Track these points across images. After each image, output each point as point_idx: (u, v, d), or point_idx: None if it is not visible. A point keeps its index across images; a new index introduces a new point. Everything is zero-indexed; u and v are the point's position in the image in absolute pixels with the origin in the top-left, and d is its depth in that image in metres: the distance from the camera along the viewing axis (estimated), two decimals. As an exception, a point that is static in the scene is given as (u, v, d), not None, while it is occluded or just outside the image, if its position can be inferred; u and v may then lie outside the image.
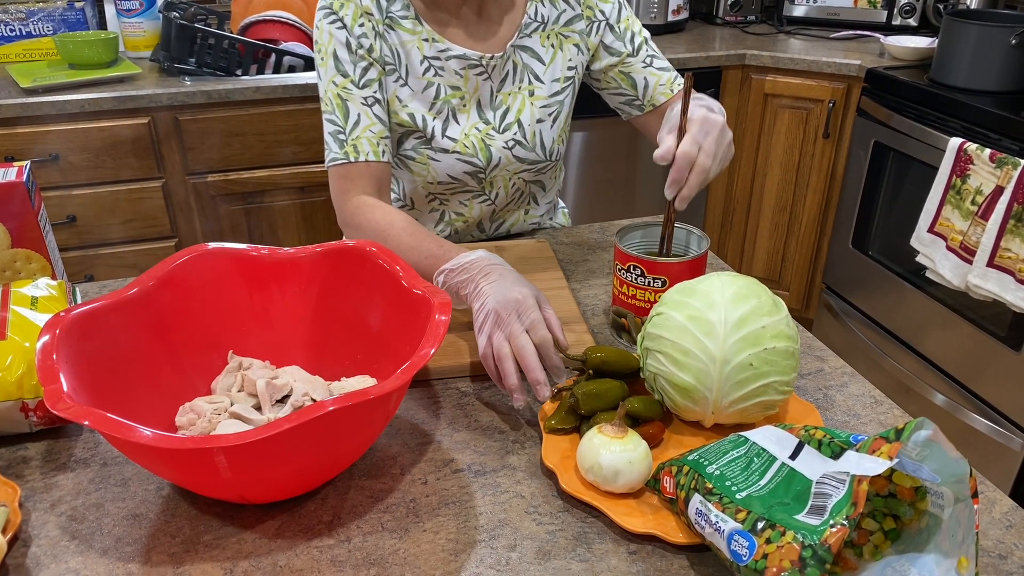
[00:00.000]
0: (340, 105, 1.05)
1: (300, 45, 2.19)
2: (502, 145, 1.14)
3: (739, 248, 2.62)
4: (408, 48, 1.08)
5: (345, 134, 1.06)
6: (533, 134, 1.16)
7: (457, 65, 1.10)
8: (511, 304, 0.82)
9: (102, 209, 2.00)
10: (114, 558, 0.67)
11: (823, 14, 2.65)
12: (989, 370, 1.91)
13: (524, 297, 0.82)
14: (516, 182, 1.21)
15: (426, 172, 1.15)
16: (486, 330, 0.82)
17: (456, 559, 0.67)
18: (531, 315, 0.81)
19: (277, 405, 0.79)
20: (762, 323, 0.74)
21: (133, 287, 0.79)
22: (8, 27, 2.16)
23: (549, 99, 1.16)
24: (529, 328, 0.81)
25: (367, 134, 1.06)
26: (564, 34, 1.15)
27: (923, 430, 0.54)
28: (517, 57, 1.13)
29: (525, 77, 1.14)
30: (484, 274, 0.86)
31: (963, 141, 1.83)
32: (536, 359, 0.79)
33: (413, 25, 1.08)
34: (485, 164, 1.15)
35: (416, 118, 1.10)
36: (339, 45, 1.04)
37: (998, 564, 0.67)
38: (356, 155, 1.05)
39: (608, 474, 0.70)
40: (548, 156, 1.19)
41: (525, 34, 1.12)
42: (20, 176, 0.90)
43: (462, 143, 1.12)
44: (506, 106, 1.14)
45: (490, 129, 1.14)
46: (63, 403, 0.62)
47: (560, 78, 1.16)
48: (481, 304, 0.84)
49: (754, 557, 0.57)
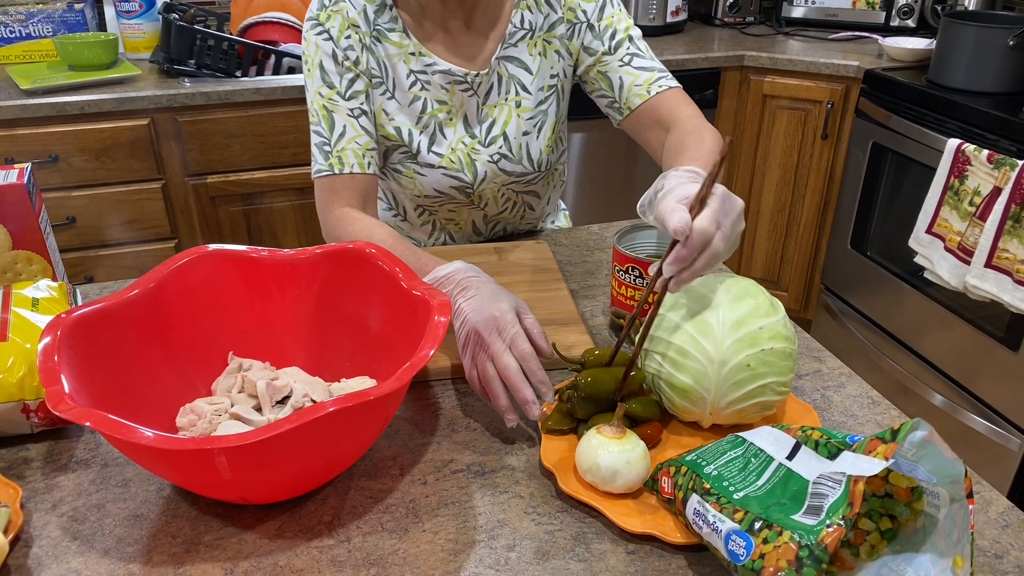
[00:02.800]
0: (326, 116, 1.05)
1: (299, 47, 2.19)
2: (487, 159, 1.13)
3: (738, 249, 2.63)
4: (394, 62, 1.07)
5: (330, 146, 1.05)
6: (519, 147, 1.14)
7: (443, 80, 1.09)
8: (490, 322, 0.79)
9: (102, 210, 2.00)
10: (115, 558, 0.67)
11: (821, 15, 2.65)
12: (987, 370, 1.92)
13: (502, 313, 0.80)
14: (506, 193, 1.20)
15: (413, 186, 1.15)
16: (469, 351, 0.81)
17: (455, 559, 0.67)
18: (511, 331, 0.79)
19: (277, 406, 0.80)
20: (760, 324, 0.74)
21: (134, 289, 0.79)
22: (8, 29, 2.16)
23: (535, 109, 1.14)
24: (511, 344, 0.79)
25: (352, 146, 1.05)
26: (548, 40, 1.12)
27: (919, 431, 0.54)
28: (502, 69, 1.11)
29: (512, 88, 1.13)
30: (461, 288, 0.84)
31: (961, 142, 1.83)
32: (520, 377, 0.77)
33: (400, 38, 1.07)
34: (472, 180, 1.14)
35: (402, 132, 1.10)
36: (325, 56, 1.04)
37: (994, 564, 0.67)
38: (341, 167, 1.05)
39: (606, 474, 0.70)
40: (536, 168, 1.17)
41: (510, 44, 1.11)
42: (21, 178, 0.91)
43: (448, 158, 1.11)
44: (492, 119, 1.13)
45: (476, 144, 1.12)
46: (65, 404, 0.62)
47: (544, 86, 1.14)
48: (461, 323, 0.82)
49: (751, 557, 0.57)
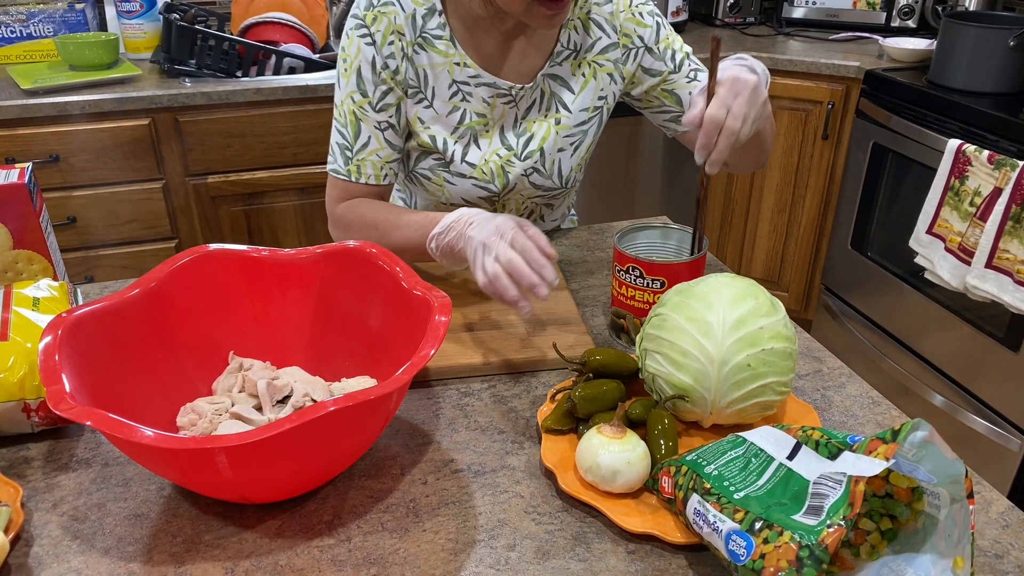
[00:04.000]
0: (353, 123, 1.05)
1: (300, 47, 2.19)
2: (520, 172, 1.12)
3: (738, 249, 2.63)
4: (437, 71, 1.06)
5: (352, 152, 1.06)
6: (552, 163, 1.13)
7: (486, 93, 1.08)
8: (493, 232, 0.87)
9: (102, 210, 2.00)
10: (116, 558, 0.67)
11: (822, 16, 2.65)
12: (987, 371, 1.92)
13: (503, 222, 0.88)
14: (528, 205, 1.20)
15: (440, 193, 1.14)
16: (478, 262, 0.87)
17: (456, 559, 0.67)
18: (510, 233, 0.87)
19: (278, 405, 0.80)
20: (760, 324, 0.74)
21: (135, 288, 0.79)
22: (9, 29, 2.16)
23: (574, 128, 1.13)
24: (511, 243, 0.86)
25: (373, 158, 1.07)
26: (599, 62, 1.11)
27: (919, 431, 0.54)
28: (546, 85, 1.11)
29: (553, 105, 1.12)
30: (468, 223, 0.91)
31: (961, 143, 1.83)
32: (524, 266, 0.84)
33: (446, 47, 1.05)
34: (500, 189, 1.13)
35: (437, 141, 1.09)
36: (364, 62, 1.03)
37: (994, 564, 0.67)
38: (358, 176, 1.07)
39: (607, 474, 0.70)
40: (564, 184, 1.17)
41: (556, 62, 1.10)
42: (22, 178, 0.91)
43: (480, 168, 1.11)
44: (530, 133, 1.12)
45: (511, 156, 1.11)
46: (66, 403, 0.62)
47: (589, 107, 1.13)
48: (471, 247, 0.89)
49: (752, 557, 0.57)
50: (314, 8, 2.33)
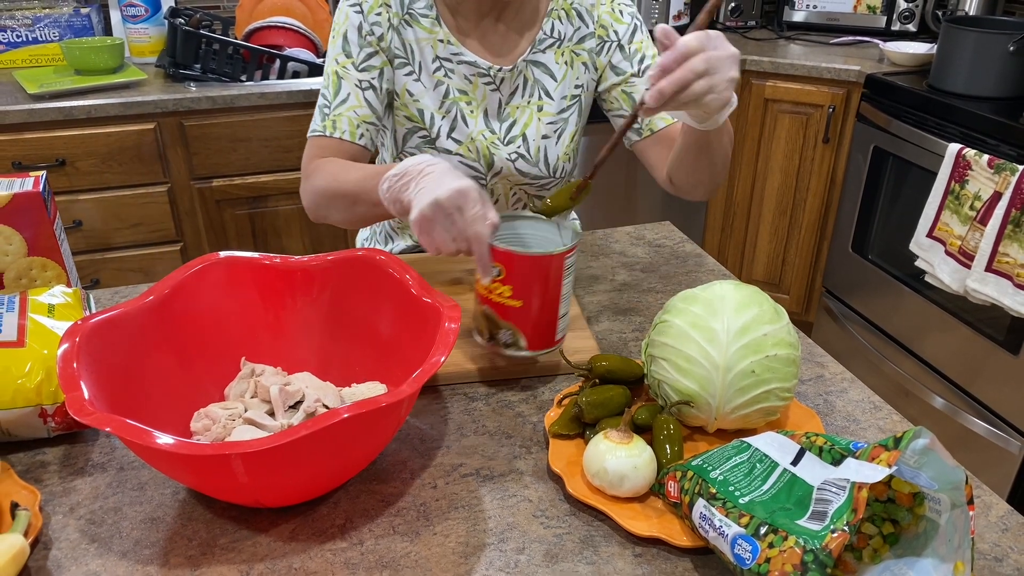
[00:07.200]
0: (335, 82, 1.08)
1: (304, 51, 2.20)
2: (505, 156, 1.15)
3: (739, 252, 2.64)
4: (422, 45, 1.10)
5: (330, 108, 1.08)
6: (537, 149, 1.16)
7: (467, 71, 1.11)
8: (453, 198, 0.79)
9: (108, 214, 2.01)
10: (133, 560, 0.68)
11: (823, 20, 2.67)
12: (988, 373, 1.93)
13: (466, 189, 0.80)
14: (517, 192, 1.22)
15: None
16: (423, 240, 0.82)
17: (466, 562, 0.68)
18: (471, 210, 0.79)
19: (290, 411, 0.81)
20: (764, 331, 0.76)
21: (148, 295, 0.81)
22: (15, 33, 2.18)
23: (556, 116, 1.16)
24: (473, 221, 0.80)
25: (350, 114, 1.07)
26: (576, 51, 1.15)
27: (921, 438, 0.56)
28: (529, 72, 1.14)
29: (535, 92, 1.15)
30: (421, 174, 0.83)
31: (961, 147, 1.84)
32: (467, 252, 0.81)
33: (431, 25, 1.09)
34: (486, 170, 1.16)
35: (425, 115, 1.12)
36: (351, 28, 1.07)
37: (994, 567, 0.68)
38: (333, 130, 1.07)
39: (614, 479, 0.71)
40: (552, 173, 1.19)
41: (539, 50, 1.13)
42: (37, 186, 0.92)
43: (466, 146, 1.14)
44: (513, 119, 1.15)
45: (495, 139, 1.15)
46: (86, 410, 0.64)
47: (567, 96, 1.16)
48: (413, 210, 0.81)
49: (757, 561, 0.59)
50: (318, 12, 2.34)
